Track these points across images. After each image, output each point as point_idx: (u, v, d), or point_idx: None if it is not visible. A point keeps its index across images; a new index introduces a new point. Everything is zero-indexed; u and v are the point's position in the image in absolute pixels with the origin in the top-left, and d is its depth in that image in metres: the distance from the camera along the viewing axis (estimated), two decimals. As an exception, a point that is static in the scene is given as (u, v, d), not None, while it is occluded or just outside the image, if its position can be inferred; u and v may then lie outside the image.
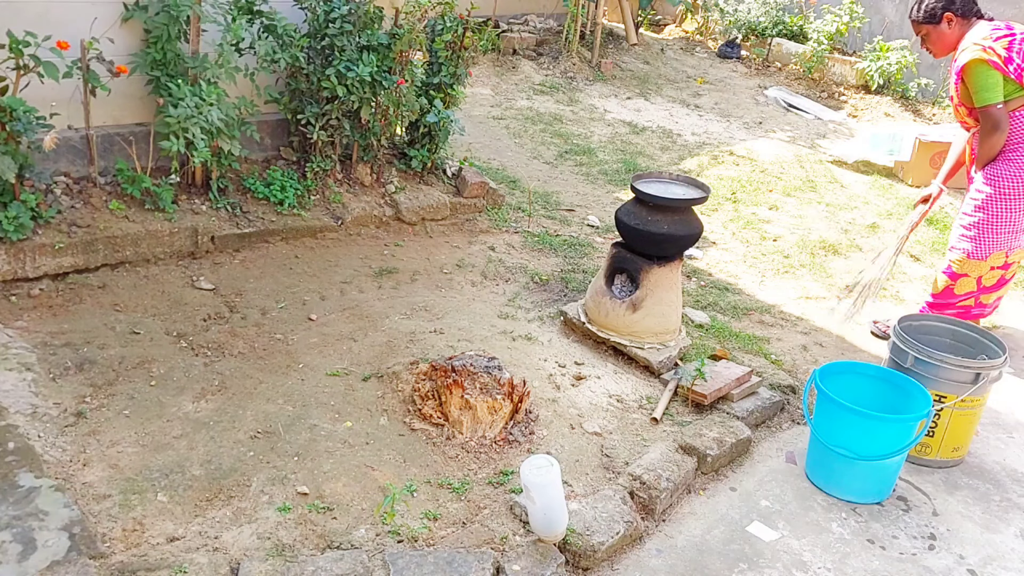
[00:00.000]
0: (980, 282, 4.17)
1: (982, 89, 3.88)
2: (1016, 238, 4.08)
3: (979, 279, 4.16)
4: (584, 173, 6.25)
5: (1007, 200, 4.00)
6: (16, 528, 2.37)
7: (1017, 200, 3.99)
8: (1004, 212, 4.02)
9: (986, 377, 3.27)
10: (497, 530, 2.70)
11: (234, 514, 2.63)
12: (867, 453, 3.09)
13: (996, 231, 4.05)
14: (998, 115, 3.89)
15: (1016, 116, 3.92)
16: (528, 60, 8.65)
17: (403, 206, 4.79)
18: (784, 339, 4.28)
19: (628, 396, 3.54)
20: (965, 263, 4.13)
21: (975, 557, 2.99)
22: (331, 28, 4.36)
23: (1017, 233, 4.07)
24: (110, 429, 2.89)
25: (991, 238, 4.07)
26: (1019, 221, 4.03)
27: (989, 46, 3.84)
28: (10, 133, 3.46)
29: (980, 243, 4.08)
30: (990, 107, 3.88)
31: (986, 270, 4.13)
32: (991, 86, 3.86)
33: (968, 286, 4.19)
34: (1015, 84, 3.86)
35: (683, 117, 8.09)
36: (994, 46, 3.84)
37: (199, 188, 4.26)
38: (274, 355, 3.45)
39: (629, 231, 3.76)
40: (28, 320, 3.41)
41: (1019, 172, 3.95)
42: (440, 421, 3.13)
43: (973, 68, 3.88)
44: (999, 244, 4.08)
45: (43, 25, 3.59)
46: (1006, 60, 3.83)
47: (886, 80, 8.96)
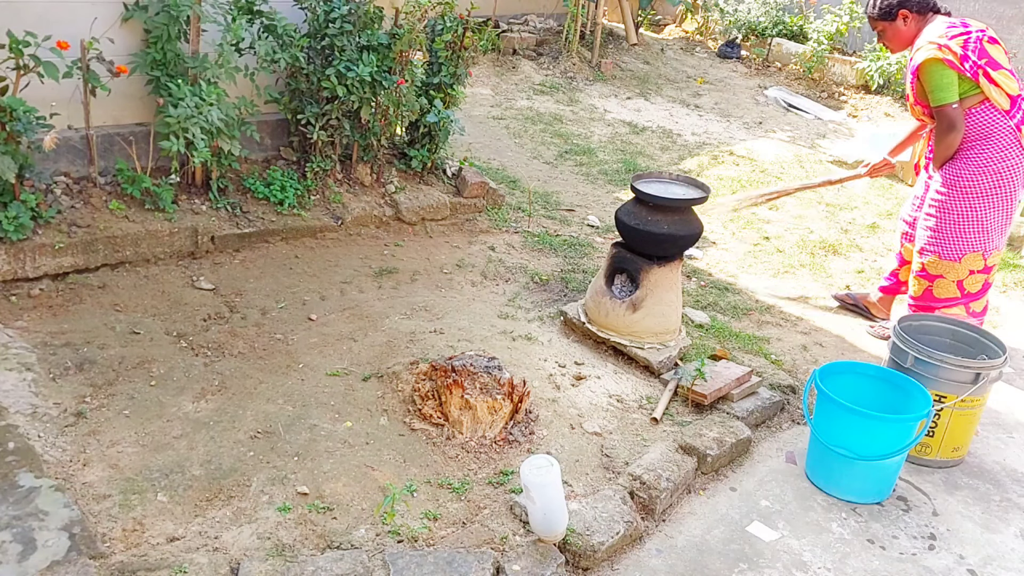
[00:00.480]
0: (962, 288, 4.10)
1: (937, 89, 3.87)
2: (990, 239, 4.03)
3: (959, 284, 4.10)
4: (584, 173, 6.25)
5: (969, 199, 3.98)
6: (16, 528, 2.37)
7: (979, 198, 3.97)
8: (968, 211, 3.99)
9: (986, 377, 3.27)
10: (497, 530, 2.70)
11: (234, 514, 2.63)
12: (867, 453, 3.09)
13: (963, 231, 4.02)
14: (953, 115, 3.88)
15: (972, 114, 3.91)
16: (528, 60, 8.65)
17: (403, 206, 4.79)
18: (784, 339, 4.28)
19: (628, 396, 3.54)
20: (938, 264, 4.10)
21: (975, 557, 2.99)
22: (331, 28, 4.36)
23: (989, 233, 4.02)
24: (110, 429, 2.89)
25: (960, 238, 4.03)
26: (987, 220, 3.99)
27: (945, 44, 3.83)
28: (10, 133, 3.46)
29: (948, 244, 4.06)
30: (945, 107, 3.88)
31: (964, 273, 4.07)
32: (946, 85, 3.85)
33: (948, 291, 4.12)
34: (970, 82, 3.86)
35: (683, 117, 8.09)
36: (950, 44, 3.83)
37: (199, 188, 4.26)
38: (274, 355, 3.45)
39: (629, 231, 3.76)
40: (28, 320, 3.41)
41: (977, 170, 3.93)
42: (440, 421, 3.13)
43: (929, 67, 3.87)
44: (970, 244, 4.03)
45: (43, 25, 3.59)
46: (961, 58, 3.83)
47: (886, 80, 8.96)
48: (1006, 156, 3.89)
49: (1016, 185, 3.96)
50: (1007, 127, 3.88)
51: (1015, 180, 3.94)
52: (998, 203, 3.96)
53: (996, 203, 3.96)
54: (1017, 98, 3.90)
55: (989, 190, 3.93)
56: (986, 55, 3.85)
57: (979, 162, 3.92)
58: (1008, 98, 3.88)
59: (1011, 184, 3.94)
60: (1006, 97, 3.87)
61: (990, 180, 3.92)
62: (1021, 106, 3.91)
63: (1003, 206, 3.97)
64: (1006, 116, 3.88)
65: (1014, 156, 3.90)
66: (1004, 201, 3.96)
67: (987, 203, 3.96)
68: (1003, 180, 3.92)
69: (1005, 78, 3.88)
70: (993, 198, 3.95)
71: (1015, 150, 3.89)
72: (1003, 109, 3.87)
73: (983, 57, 3.84)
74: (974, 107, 3.89)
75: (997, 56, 3.89)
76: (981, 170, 3.92)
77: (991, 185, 3.92)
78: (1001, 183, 3.92)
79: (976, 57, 3.83)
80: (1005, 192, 3.94)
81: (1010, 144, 3.89)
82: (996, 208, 3.96)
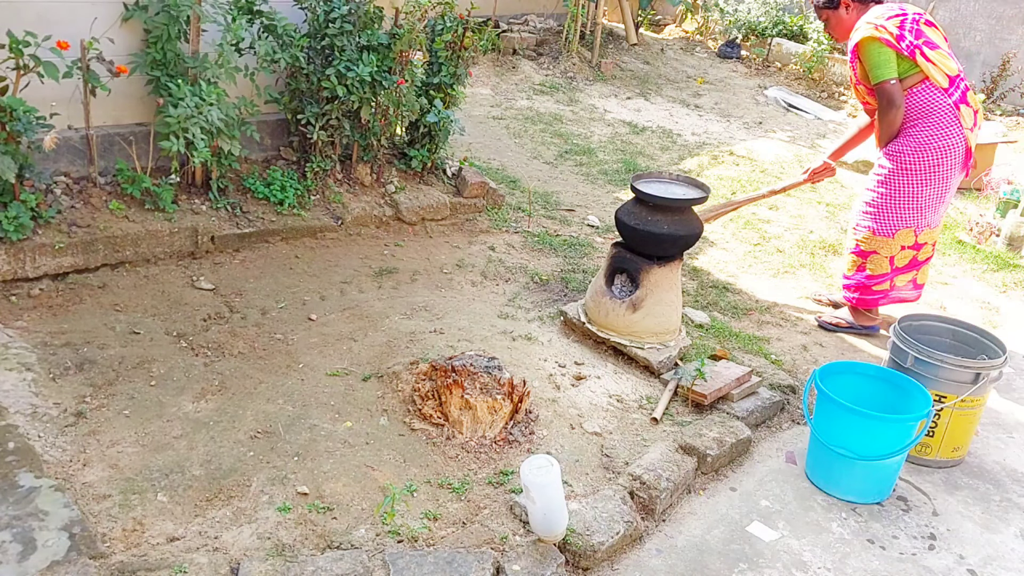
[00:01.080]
0: (892, 263, 4.21)
1: (875, 67, 3.99)
2: (923, 216, 4.12)
3: (891, 260, 4.20)
4: (584, 173, 6.25)
5: (908, 175, 4.06)
6: (16, 528, 2.37)
7: (918, 175, 4.05)
8: (906, 187, 4.08)
9: (986, 377, 3.27)
10: (497, 530, 2.70)
11: (234, 514, 2.63)
12: (867, 453, 3.09)
13: (899, 206, 4.11)
14: (892, 91, 3.99)
15: (913, 93, 4.01)
16: (528, 60, 8.65)
17: (403, 206, 4.78)
18: (784, 339, 4.28)
19: (628, 396, 3.54)
20: (872, 240, 4.19)
21: (975, 557, 2.99)
22: (331, 28, 4.36)
23: (923, 211, 4.11)
24: (110, 429, 2.89)
25: (895, 213, 4.13)
26: (922, 196, 4.08)
27: (881, 24, 3.97)
28: (10, 133, 3.46)
29: (884, 219, 4.15)
30: (884, 83, 3.99)
31: (896, 249, 4.18)
32: (883, 63, 3.97)
33: (882, 266, 4.23)
34: (909, 61, 3.96)
35: (683, 117, 8.09)
36: (886, 24, 3.96)
37: (199, 188, 4.26)
38: (274, 355, 3.45)
39: (629, 231, 3.76)
40: (28, 320, 3.41)
41: (919, 147, 4.02)
42: (440, 421, 3.13)
43: (866, 46, 4.01)
44: (904, 220, 4.13)
45: (43, 25, 3.59)
46: (898, 38, 3.94)
47: (886, 80, 8.95)
48: (946, 134, 3.99)
49: (954, 163, 4.05)
50: (946, 104, 3.98)
51: (954, 159, 4.04)
52: (935, 181, 4.06)
53: (933, 181, 4.06)
54: (955, 78, 4.01)
55: (929, 167, 4.03)
56: (923, 35, 3.99)
57: (920, 139, 4.02)
58: (946, 77, 3.99)
59: (949, 162, 4.04)
60: (944, 76, 3.98)
61: (930, 157, 4.02)
62: (960, 86, 4.02)
63: (939, 183, 4.07)
64: (945, 94, 3.98)
65: (954, 135, 4.00)
66: (941, 179, 4.06)
67: (925, 180, 4.06)
68: (942, 158, 4.02)
69: (942, 58, 3.99)
70: (931, 175, 4.05)
71: (954, 128, 3.99)
72: (942, 87, 3.98)
73: (920, 37, 3.97)
74: (914, 86, 4.00)
75: (934, 37, 4.02)
76: (922, 147, 4.02)
77: (931, 163, 4.02)
78: (940, 161, 4.02)
79: (913, 37, 3.96)
80: (943, 170, 4.04)
81: (950, 122, 3.99)
82: (933, 185, 4.07)
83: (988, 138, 6.85)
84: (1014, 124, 8.63)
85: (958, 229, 5.99)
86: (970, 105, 4.05)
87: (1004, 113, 8.93)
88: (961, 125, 4.00)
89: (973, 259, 5.55)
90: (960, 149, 4.03)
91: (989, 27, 9.13)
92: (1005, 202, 5.83)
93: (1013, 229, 5.65)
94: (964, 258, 5.57)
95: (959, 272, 5.38)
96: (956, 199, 6.53)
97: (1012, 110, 9.00)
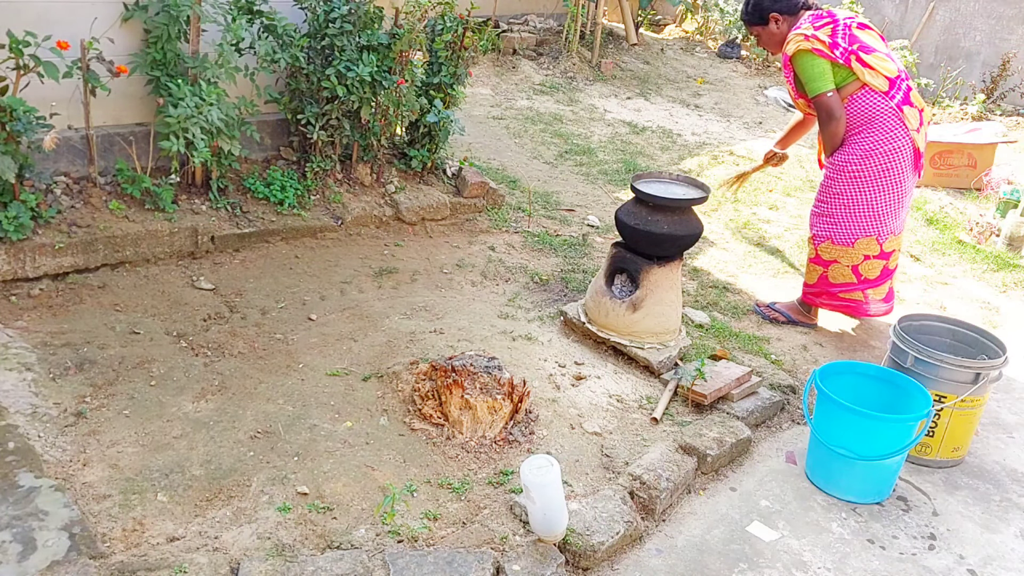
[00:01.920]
0: (858, 273, 4.15)
1: (811, 80, 3.92)
2: (882, 223, 4.06)
3: (855, 269, 4.15)
4: (584, 173, 6.25)
5: (857, 183, 4.01)
6: (16, 528, 2.37)
7: (868, 181, 4.00)
8: (857, 195, 4.03)
9: (986, 377, 3.27)
10: (497, 530, 2.70)
11: (234, 514, 2.63)
12: (867, 453, 3.09)
13: (855, 215, 4.06)
14: (830, 103, 3.92)
15: (853, 100, 3.94)
16: (528, 60, 8.65)
17: (403, 206, 4.79)
18: (784, 339, 4.28)
19: (628, 396, 3.54)
20: (831, 249, 4.15)
21: (975, 557, 2.99)
22: (331, 28, 4.36)
23: (881, 218, 4.05)
24: (110, 429, 2.89)
25: (852, 223, 4.07)
26: (876, 203, 4.02)
27: (812, 35, 3.89)
28: (10, 133, 3.46)
29: (841, 229, 4.10)
30: (821, 96, 3.92)
31: (859, 258, 4.12)
32: (819, 75, 3.90)
33: (844, 275, 4.17)
34: (845, 69, 3.89)
35: (683, 117, 8.09)
36: (817, 34, 3.88)
37: (199, 188, 4.26)
38: (274, 355, 3.45)
39: (629, 231, 3.76)
40: (28, 320, 3.41)
41: (864, 154, 3.96)
42: (440, 421, 3.13)
43: (799, 59, 3.94)
44: (862, 229, 4.07)
45: (43, 25, 3.59)
46: (831, 46, 3.87)
47: (886, 80, 8.95)
48: (891, 138, 3.93)
49: (904, 167, 3.99)
50: (888, 108, 3.91)
51: (903, 162, 3.98)
52: (887, 186, 4.00)
53: (885, 186, 4.00)
54: (896, 79, 3.93)
55: (877, 173, 3.97)
56: (856, 40, 3.90)
57: (865, 146, 3.96)
58: (886, 80, 3.91)
59: (899, 166, 3.97)
60: (883, 79, 3.91)
61: (877, 163, 3.96)
62: (901, 87, 3.94)
63: (893, 189, 4.01)
64: (886, 97, 3.91)
65: (899, 138, 3.93)
66: (893, 184, 4.00)
67: (876, 186, 4.00)
68: (890, 163, 3.96)
69: (879, 60, 3.91)
70: (882, 181, 3.99)
71: (900, 131, 3.93)
72: (882, 91, 3.91)
73: (854, 43, 3.89)
74: (854, 93, 3.94)
75: (869, 40, 3.94)
76: (868, 154, 3.96)
77: (879, 168, 3.97)
78: (889, 166, 3.96)
79: (846, 43, 3.88)
80: (893, 175, 3.98)
81: (894, 126, 3.92)
82: (885, 191, 4.01)
83: (988, 138, 6.85)
84: (1014, 124, 8.62)
85: (958, 229, 5.99)
86: (914, 105, 3.96)
87: (1004, 113, 8.93)
88: (906, 127, 3.92)
89: (973, 259, 5.55)
90: (908, 151, 3.96)
91: (989, 27, 9.13)
92: (1005, 202, 5.83)
93: (1013, 229, 5.65)
94: (964, 258, 5.57)
95: (959, 272, 5.38)
96: (956, 199, 6.53)
97: (1012, 110, 8.99)
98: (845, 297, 4.24)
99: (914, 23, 9.61)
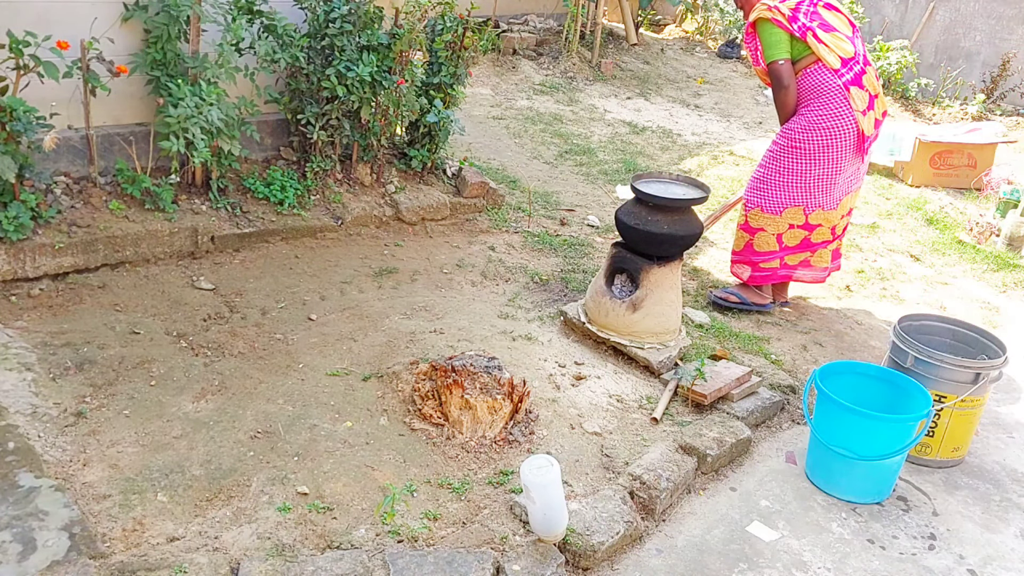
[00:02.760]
0: (781, 240, 4.26)
1: (767, 47, 4.08)
2: (811, 195, 4.17)
3: (779, 237, 4.25)
4: (584, 173, 6.25)
5: (797, 152, 4.12)
6: (16, 528, 2.37)
7: (807, 153, 4.10)
8: (793, 164, 4.14)
9: (986, 377, 3.27)
10: (497, 530, 2.70)
11: (234, 514, 2.63)
12: (867, 453, 3.09)
13: (786, 184, 4.17)
14: (780, 70, 4.07)
15: (806, 74, 4.07)
16: (528, 60, 8.65)
17: (403, 206, 4.78)
18: (784, 339, 4.28)
19: (628, 396, 3.54)
20: (759, 216, 4.25)
21: (975, 557, 2.99)
22: (331, 28, 4.36)
23: (811, 190, 4.16)
24: (110, 429, 2.89)
25: (783, 191, 4.18)
26: (809, 175, 4.13)
27: (774, 5, 4.04)
28: (10, 133, 3.46)
29: (772, 196, 4.21)
30: (774, 63, 4.08)
31: (784, 227, 4.23)
32: (774, 43, 4.05)
33: (769, 244, 4.28)
34: (802, 43, 4.02)
35: (683, 117, 8.09)
36: (779, 6, 4.04)
37: (199, 188, 4.26)
38: (274, 355, 3.45)
39: (629, 231, 3.76)
40: (28, 320, 3.41)
41: (808, 125, 4.07)
42: (440, 421, 3.13)
43: (759, 26, 4.11)
44: (791, 198, 4.18)
45: (43, 25, 3.59)
46: (790, 19, 4.01)
47: (886, 80, 8.96)
48: (835, 115, 4.04)
49: (845, 145, 4.09)
50: (835, 85, 4.03)
51: (845, 140, 4.07)
52: (824, 161, 4.10)
53: (822, 161, 4.10)
54: (850, 60, 4.05)
55: (817, 147, 4.08)
56: (819, 18, 4.06)
57: (810, 119, 4.08)
58: (839, 58, 4.04)
59: (840, 143, 4.07)
60: (836, 57, 4.03)
61: (819, 136, 4.06)
62: (853, 68, 4.05)
63: (829, 165, 4.11)
64: (835, 75, 4.03)
65: (843, 115, 4.04)
66: (831, 160, 4.10)
67: (813, 159, 4.10)
68: (832, 139, 4.06)
69: (837, 39, 4.05)
70: (820, 156, 4.09)
71: (844, 108, 4.04)
72: (832, 68, 4.02)
73: (815, 20, 4.04)
74: (807, 67, 4.08)
75: (832, 20, 4.09)
76: (812, 126, 4.07)
77: (820, 142, 4.07)
78: (830, 142, 4.06)
79: (807, 20, 4.02)
80: (833, 151, 4.08)
81: (839, 103, 4.03)
82: (822, 166, 4.11)
83: (988, 138, 6.85)
84: (1014, 124, 8.63)
85: (958, 229, 6.00)
86: (864, 88, 4.07)
87: (1004, 113, 8.93)
88: (851, 106, 4.02)
89: (973, 259, 5.55)
90: (851, 131, 4.06)
91: (989, 27, 9.13)
92: (1005, 202, 5.84)
93: (1013, 229, 5.65)
94: (964, 258, 5.57)
95: (959, 272, 5.38)
96: (956, 199, 6.53)
97: (1012, 110, 8.99)
98: (764, 267, 4.35)
99: (914, 23, 9.61)
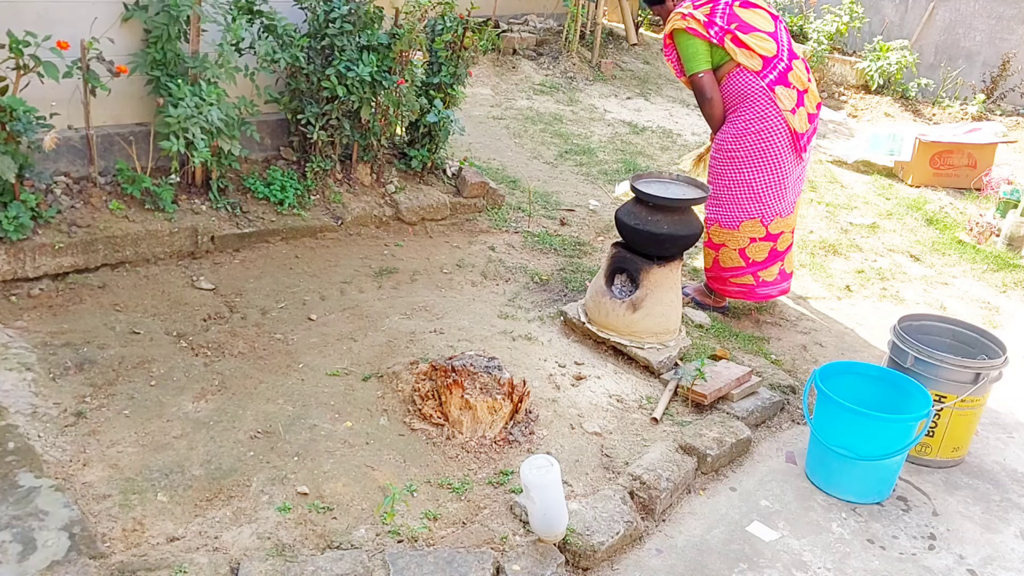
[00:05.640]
0: (745, 256, 4.16)
1: (686, 59, 3.96)
2: (764, 205, 4.06)
3: (742, 252, 4.15)
4: (584, 173, 6.25)
5: (735, 164, 4.01)
6: (16, 528, 2.37)
7: (744, 161, 3.99)
8: (736, 175, 4.02)
9: (986, 377, 3.27)
10: (497, 530, 2.70)
11: (234, 514, 2.63)
12: (867, 453, 3.09)
13: (736, 197, 4.06)
14: (701, 83, 3.95)
15: (729, 79, 3.95)
16: (528, 60, 8.65)
17: (403, 206, 4.78)
18: (784, 339, 4.28)
19: (628, 396, 3.54)
20: (719, 232, 4.18)
21: (975, 557, 2.99)
22: (331, 28, 4.36)
23: (762, 199, 4.04)
24: (110, 429, 2.89)
25: (735, 204, 4.08)
26: (756, 184, 4.02)
27: (689, 14, 3.91)
28: (10, 133, 3.46)
29: (726, 210, 4.11)
30: (694, 76, 3.96)
31: (745, 242, 4.13)
32: (693, 55, 3.93)
33: (733, 260, 4.19)
34: (721, 49, 3.90)
35: (683, 117, 8.09)
36: (694, 13, 3.90)
37: (199, 188, 4.26)
38: (274, 355, 3.45)
39: (629, 231, 3.76)
40: (28, 320, 3.41)
41: (738, 133, 3.96)
42: (440, 421, 3.13)
43: (677, 38, 3.98)
44: (747, 211, 4.07)
45: (43, 25, 3.59)
46: (706, 25, 3.87)
47: (886, 80, 8.96)
48: (762, 118, 3.92)
49: (780, 148, 3.96)
50: (759, 87, 3.91)
51: (779, 142, 3.95)
52: (765, 168, 3.99)
53: (763, 168, 3.99)
54: (772, 59, 3.91)
55: (752, 155, 3.97)
56: (736, 19, 3.90)
57: (738, 126, 3.97)
58: (760, 60, 3.90)
59: (774, 147, 3.95)
60: (758, 59, 3.90)
61: (750, 143, 3.95)
62: (777, 67, 3.91)
63: (772, 170, 4.00)
64: (757, 77, 3.91)
65: (770, 117, 3.92)
66: (771, 165, 3.99)
67: (753, 167, 3.99)
68: (764, 143, 3.94)
69: (757, 40, 3.90)
70: (759, 162, 3.98)
71: (770, 110, 3.91)
72: (754, 71, 3.90)
73: (733, 21, 3.89)
74: (731, 72, 3.95)
75: (750, 19, 3.93)
76: (741, 134, 3.96)
77: (753, 149, 3.96)
78: (763, 147, 3.94)
79: (724, 23, 3.87)
80: (769, 156, 3.96)
81: (764, 105, 3.91)
82: (764, 172, 4.00)
83: (988, 138, 6.85)
84: (1014, 124, 8.63)
85: (958, 229, 6.00)
86: (791, 85, 3.92)
87: (1004, 113, 8.93)
88: (778, 107, 3.90)
89: (973, 259, 5.55)
90: (783, 131, 3.93)
91: (989, 27, 9.13)
92: (1005, 202, 5.84)
93: (1013, 229, 5.65)
94: (964, 258, 5.57)
95: (959, 272, 5.38)
96: (956, 199, 6.53)
97: (1012, 110, 8.99)
98: (736, 282, 4.28)
99: (914, 23, 9.61)
